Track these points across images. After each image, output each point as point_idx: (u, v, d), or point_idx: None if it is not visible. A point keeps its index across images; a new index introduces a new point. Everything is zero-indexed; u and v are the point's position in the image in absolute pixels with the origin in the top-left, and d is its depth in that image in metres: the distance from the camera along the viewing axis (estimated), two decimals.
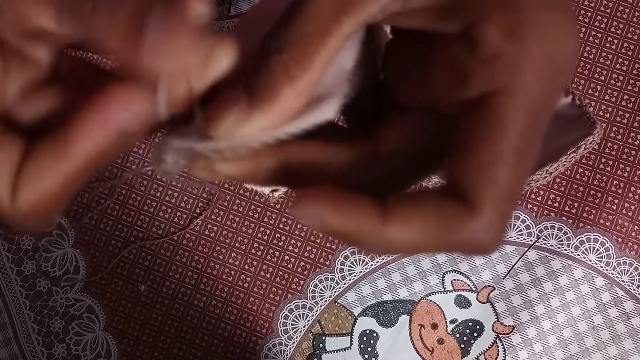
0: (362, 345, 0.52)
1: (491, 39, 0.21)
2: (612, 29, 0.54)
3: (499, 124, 0.21)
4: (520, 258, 0.52)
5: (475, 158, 0.21)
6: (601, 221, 0.53)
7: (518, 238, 0.53)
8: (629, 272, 0.52)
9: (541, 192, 0.53)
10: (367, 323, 0.53)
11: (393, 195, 0.22)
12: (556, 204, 0.53)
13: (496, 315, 0.52)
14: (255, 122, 0.22)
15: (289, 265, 0.54)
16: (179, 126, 0.22)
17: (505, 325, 0.52)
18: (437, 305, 0.53)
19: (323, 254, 0.53)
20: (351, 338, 0.53)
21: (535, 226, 0.53)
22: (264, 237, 0.54)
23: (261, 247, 0.54)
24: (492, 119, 0.21)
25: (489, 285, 0.53)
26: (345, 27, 0.22)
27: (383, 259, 0.53)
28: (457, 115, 0.22)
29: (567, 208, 0.53)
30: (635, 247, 0.53)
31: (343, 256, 0.53)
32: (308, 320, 0.53)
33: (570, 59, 0.22)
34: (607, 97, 0.54)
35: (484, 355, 0.52)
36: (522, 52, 0.21)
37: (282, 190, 0.52)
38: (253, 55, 0.23)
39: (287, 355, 0.53)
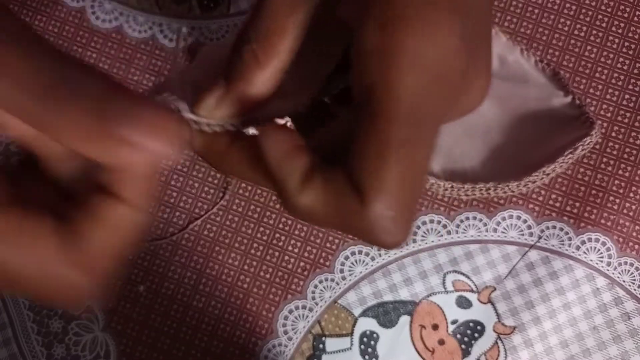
0: (362, 346, 0.52)
1: (367, 34, 0.22)
2: (613, 28, 0.54)
3: (377, 116, 0.22)
4: (521, 258, 0.52)
5: (360, 150, 0.23)
6: (602, 221, 0.53)
7: (519, 238, 0.53)
8: (630, 272, 0.52)
9: (542, 192, 0.53)
10: (367, 324, 0.53)
11: (320, 165, 0.24)
12: (557, 204, 0.53)
13: (497, 315, 0.52)
14: (228, 105, 0.26)
15: (288, 266, 0.53)
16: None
17: (506, 326, 0.52)
18: (438, 305, 0.52)
19: (323, 254, 0.53)
20: (351, 339, 0.53)
21: (537, 226, 0.53)
22: (264, 237, 0.54)
23: (261, 248, 0.54)
24: (372, 112, 0.22)
25: (490, 286, 0.52)
26: (297, 17, 0.25)
27: (384, 260, 0.53)
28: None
29: (568, 208, 0.53)
30: (637, 247, 0.52)
31: (343, 256, 0.53)
32: (308, 321, 0.53)
33: (449, 57, 0.23)
34: (608, 97, 0.54)
35: (485, 355, 0.52)
36: (395, 47, 0.22)
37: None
38: (230, 49, 0.26)
39: (287, 356, 0.53)
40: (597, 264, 0.52)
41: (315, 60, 0.27)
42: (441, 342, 0.52)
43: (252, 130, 0.27)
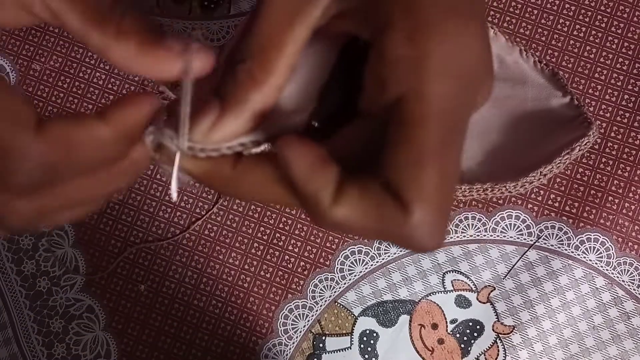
0: (362, 345, 0.52)
1: (394, 44, 0.22)
2: (613, 29, 0.54)
3: (412, 125, 0.22)
4: (520, 258, 0.52)
5: (396, 158, 0.22)
6: (601, 221, 0.53)
7: (518, 238, 0.53)
8: (629, 272, 0.52)
9: (541, 192, 0.53)
10: (367, 323, 0.53)
11: (349, 175, 0.23)
12: (556, 204, 0.53)
13: (496, 315, 0.52)
14: (226, 126, 0.24)
15: (288, 265, 0.54)
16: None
17: (505, 325, 0.52)
18: (438, 305, 0.53)
19: (323, 253, 0.53)
20: (351, 338, 0.53)
21: (536, 226, 0.53)
22: (264, 237, 0.54)
23: (261, 247, 0.54)
24: (406, 121, 0.22)
25: (489, 285, 0.53)
26: (297, 32, 0.24)
27: (383, 259, 0.53)
28: (385, 119, 0.23)
29: (567, 208, 0.53)
30: (636, 247, 0.53)
31: (343, 256, 0.53)
32: (308, 320, 0.53)
33: (475, 62, 0.23)
34: (607, 97, 0.54)
35: (484, 355, 0.52)
36: (423, 56, 0.22)
37: None
38: (224, 67, 0.25)
39: (287, 355, 0.53)
40: (596, 263, 0.52)
41: (309, 73, 0.26)
42: (440, 341, 0.52)
43: (254, 150, 0.26)
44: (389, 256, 0.53)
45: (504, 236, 0.53)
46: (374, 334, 0.52)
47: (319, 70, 0.27)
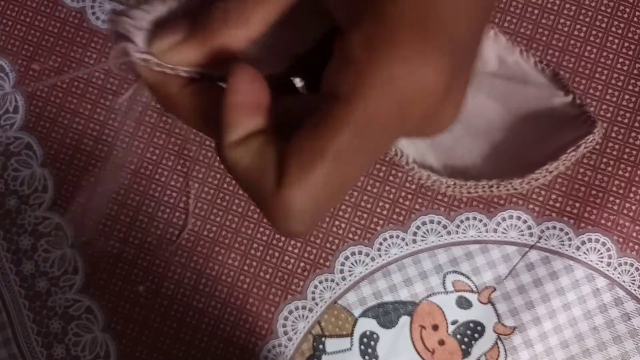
0: (362, 347, 0.52)
1: (352, 44, 0.22)
2: (613, 29, 0.54)
3: (328, 119, 0.22)
4: (521, 258, 0.52)
5: (300, 139, 0.23)
6: (602, 221, 0.53)
7: (519, 238, 0.53)
8: (630, 273, 0.52)
9: (542, 193, 0.53)
10: (367, 324, 0.53)
11: (264, 130, 0.24)
12: (557, 204, 0.53)
13: (497, 316, 0.52)
14: (184, 52, 0.25)
15: (288, 266, 0.53)
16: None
17: (506, 326, 0.52)
18: (438, 306, 0.52)
19: (323, 254, 0.53)
20: (351, 339, 0.52)
21: (537, 226, 0.53)
22: (264, 238, 0.54)
23: (261, 248, 0.54)
24: (326, 112, 0.22)
25: (490, 286, 0.52)
26: None
27: (384, 260, 0.53)
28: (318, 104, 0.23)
29: (568, 208, 0.53)
30: (637, 247, 0.52)
31: (343, 257, 0.53)
32: (308, 322, 0.53)
33: (420, 90, 0.22)
34: (607, 97, 0.54)
35: (485, 356, 0.52)
36: (372, 67, 0.22)
37: None
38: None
39: (286, 356, 0.53)
40: (597, 264, 0.52)
41: (288, 38, 0.27)
42: (441, 342, 0.52)
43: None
44: (389, 257, 0.53)
45: (505, 237, 0.53)
46: (375, 335, 0.52)
47: (299, 37, 0.27)
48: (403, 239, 0.53)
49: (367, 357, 0.52)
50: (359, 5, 0.23)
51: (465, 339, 0.52)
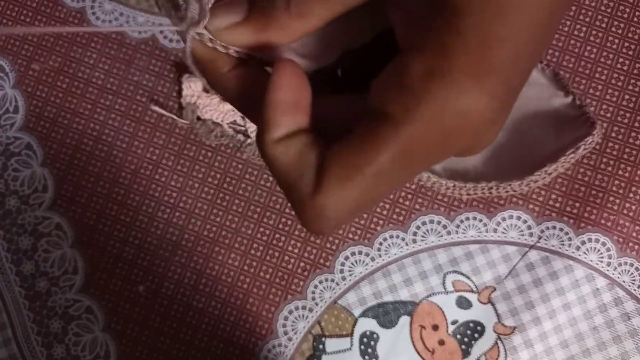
0: (362, 347, 0.52)
1: (412, 72, 0.22)
2: (613, 29, 0.54)
3: (372, 140, 0.23)
4: (521, 258, 0.52)
5: (341, 152, 0.23)
6: (602, 221, 0.53)
7: (519, 238, 0.53)
8: (630, 273, 0.52)
9: (542, 193, 0.53)
10: (367, 324, 0.53)
11: (305, 130, 0.25)
12: (557, 204, 0.53)
13: (497, 316, 0.52)
14: (239, 34, 0.25)
15: (288, 266, 0.53)
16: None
17: (506, 326, 0.52)
18: (438, 306, 0.52)
19: (323, 254, 0.53)
20: (351, 339, 0.52)
21: (537, 226, 0.53)
22: (264, 238, 0.54)
23: (261, 248, 0.54)
24: (372, 131, 0.23)
25: (490, 286, 0.52)
26: None
27: (384, 260, 0.53)
28: (366, 113, 0.24)
29: (568, 208, 0.53)
30: (636, 247, 0.52)
31: (343, 257, 0.53)
32: (308, 321, 0.53)
33: (466, 127, 0.23)
34: (607, 97, 0.54)
35: (485, 356, 0.52)
36: (426, 96, 0.22)
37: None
38: None
39: (286, 356, 0.53)
40: (597, 264, 0.52)
41: (342, 32, 0.27)
42: (441, 342, 0.52)
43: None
44: (389, 257, 0.53)
45: (505, 237, 0.53)
46: (375, 335, 0.52)
47: (353, 32, 0.27)
48: (403, 239, 0.53)
49: (367, 357, 0.52)
50: (422, 28, 0.23)
51: (465, 339, 0.52)
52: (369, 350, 0.52)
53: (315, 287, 0.53)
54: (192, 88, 0.54)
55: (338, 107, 0.27)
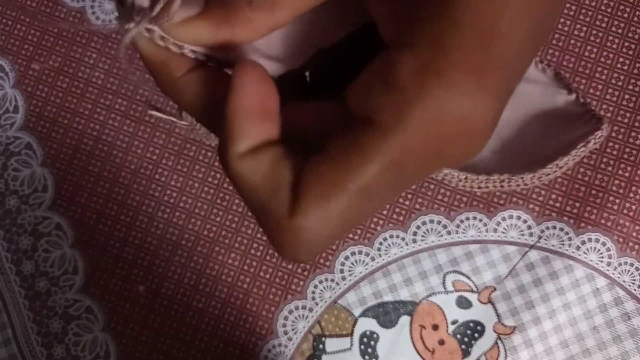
0: (362, 346, 0.52)
1: (403, 69, 0.20)
2: (613, 29, 0.54)
3: (358, 151, 0.20)
4: (521, 258, 0.52)
5: (321, 165, 0.20)
6: (602, 221, 0.53)
7: (519, 238, 0.53)
8: (630, 272, 0.52)
9: (542, 192, 0.53)
10: (367, 324, 0.53)
11: (275, 140, 0.22)
12: (557, 204, 0.53)
13: (497, 315, 0.52)
14: (197, 29, 0.22)
15: (288, 266, 0.53)
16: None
17: (506, 326, 0.52)
18: (438, 306, 0.52)
19: (323, 254, 0.53)
20: (351, 339, 0.52)
21: (537, 226, 0.53)
22: (264, 238, 0.54)
23: (261, 248, 0.54)
24: (357, 143, 0.20)
25: (490, 286, 0.52)
26: None
27: (384, 260, 0.53)
28: (346, 121, 0.21)
29: (568, 208, 0.53)
30: (637, 247, 0.52)
31: (343, 257, 0.53)
32: (308, 321, 0.53)
33: (466, 132, 0.20)
34: (608, 97, 0.54)
35: (485, 356, 0.52)
36: (421, 98, 0.19)
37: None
38: None
39: (286, 356, 0.53)
40: (597, 264, 0.52)
41: (314, 29, 0.24)
42: (441, 342, 0.52)
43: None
44: (389, 257, 0.53)
45: (505, 236, 0.53)
46: (375, 335, 0.52)
47: (328, 30, 0.24)
48: (403, 239, 0.53)
49: (367, 357, 0.52)
50: (412, 21, 0.20)
51: (465, 339, 0.52)
52: (369, 350, 0.52)
53: (315, 287, 0.53)
54: None
55: (311, 115, 0.23)
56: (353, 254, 0.53)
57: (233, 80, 0.21)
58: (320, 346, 0.53)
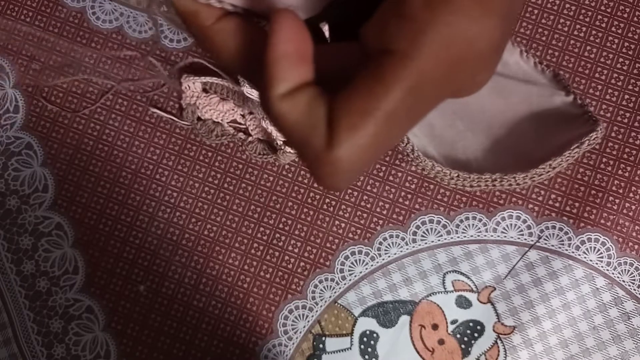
0: (362, 346, 0.52)
1: (414, 1, 0.22)
2: (613, 29, 0.54)
3: (382, 80, 0.22)
4: (521, 258, 0.52)
5: (350, 98, 0.22)
6: (602, 221, 0.53)
7: (519, 238, 0.53)
8: (630, 272, 0.52)
9: (542, 192, 0.53)
10: (367, 323, 0.53)
11: (311, 81, 0.23)
12: (557, 204, 0.53)
13: (497, 315, 0.52)
14: None
15: (288, 266, 0.53)
16: None
17: (506, 326, 0.52)
18: (438, 305, 0.52)
19: (323, 254, 0.53)
20: (351, 339, 0.53)
21: (536, 226, 0.53)
22: (264, 237, 0.54)
23: (261, 247, 0.54)
24: (380, 71, 0.22)
25: (489, 286, 0.52)
26: None
27: (384, 259, 0.53)
28: (365, 57, 0.23)
29: (567, 208, 0.53)
30: (636, 247, 0.53)
31: (343, 256, 0.53)
32: (308, 321, 0.53)
33: (474, 53, 0.22)
34: (607, 97, 0.54)
35: (485, 355, 0.52)
36: (432, 25, 0.21)
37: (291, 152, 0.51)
38: None
39: (287, 355, 0.53)
40: (596, 264, 0.52)
41: None
42: (441, 341, 0.52)
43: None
44: (389, 256, 0.53)
45: (505, 236, 0.53)
46: (374, 335, 0.52)
47: None
48: (403, 239, 0.53)
49: (367, 357, 0.52)
50: None
51: (465, 339, 0.52)
52: (369, 349, 0.52)
53: (315, 286, 0.53)
54: (192, 88, 0.54)
55: (337, 56, 0.25)
56: (353, 253, 0.53)
57: (272, 27, 0.22)
58: (321, 345, 0.53)
